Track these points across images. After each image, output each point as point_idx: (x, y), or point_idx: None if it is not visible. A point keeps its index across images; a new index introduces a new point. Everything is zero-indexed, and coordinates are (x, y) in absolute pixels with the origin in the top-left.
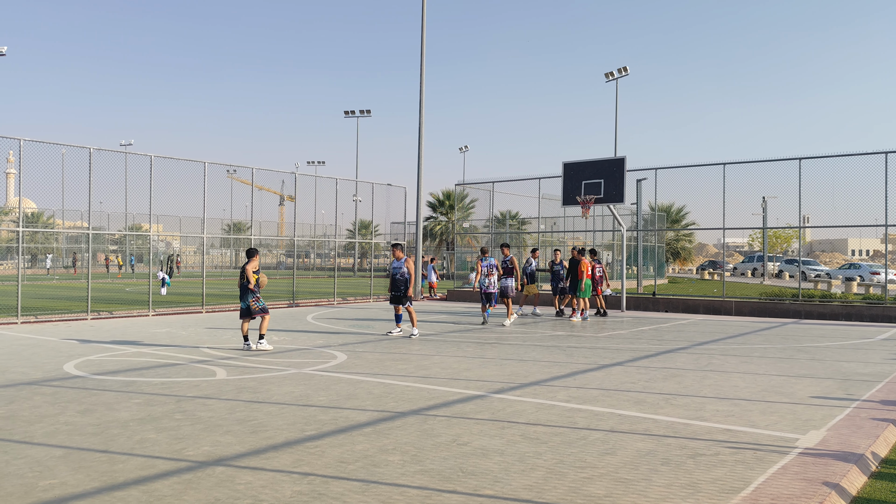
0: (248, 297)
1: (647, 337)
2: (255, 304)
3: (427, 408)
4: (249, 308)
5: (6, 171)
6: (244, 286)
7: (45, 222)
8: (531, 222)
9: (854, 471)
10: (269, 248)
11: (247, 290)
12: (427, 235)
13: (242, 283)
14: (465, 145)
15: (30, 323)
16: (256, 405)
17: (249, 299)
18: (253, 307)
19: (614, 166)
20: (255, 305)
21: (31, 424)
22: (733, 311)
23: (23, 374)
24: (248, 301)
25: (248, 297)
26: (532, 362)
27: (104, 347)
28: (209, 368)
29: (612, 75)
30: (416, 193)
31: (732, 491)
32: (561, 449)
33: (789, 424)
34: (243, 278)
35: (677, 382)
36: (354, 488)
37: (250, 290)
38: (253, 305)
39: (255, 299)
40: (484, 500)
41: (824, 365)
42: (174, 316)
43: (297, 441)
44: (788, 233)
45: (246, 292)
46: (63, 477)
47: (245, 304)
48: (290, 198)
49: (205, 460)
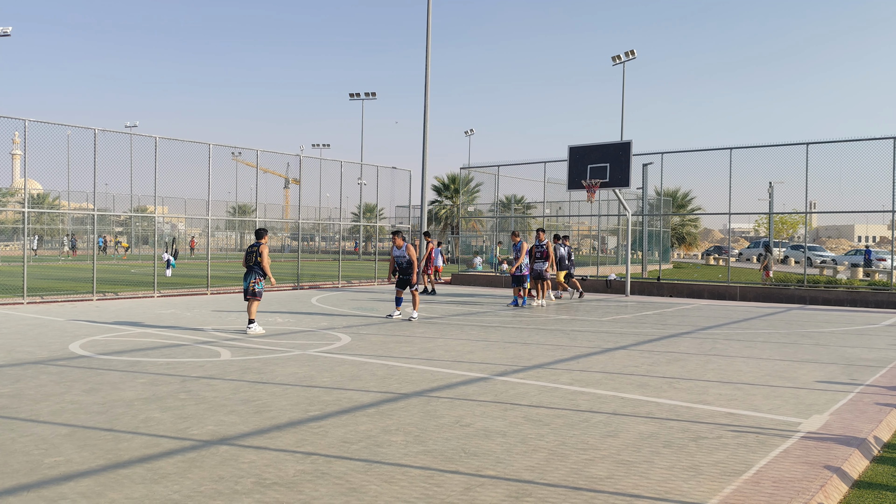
0: (250, 278)
1: (650, 321)
2: (253, 286)
3: (430, 389)
4: (249, 289)
5: (12, 153)
6: (252, 266)
7: (51, 203)
8: (536, 206)
9: (856, 455)
10: (274, 231)
11: (251, 271)
12: (432, 219)
13: (251, 264)
14: (470, 129)
15: (36, 303)
16: (260, 386)
17: (251, 280)
18: (251, 288)
19: (620, 150)
20: (253, 287)
21: (36, 403)
22: (738, 296)
23: (29, 353)
24: (248, 281)
25: (250, 278)
26: (536, 345)
27: (109, 328)
28: (214, 349)
29: (619, 59)
30: (422, 177)
31: (734, 474)
32: (563, 431)
33: (792, 409)
34: (256, 258)
35: (680, 366)
36: (357, 468)
37: (256, 271)
38: (252, 287)
39: (255, 281)
40: (486, 480)
41: (828, 350)
42: (179, 297)
43: (301, 421)
44: (795, 218)
45: (250, 272)
46: (68, 454)
47: (246, 285)
48: (294, 181)
49: (209, 439)
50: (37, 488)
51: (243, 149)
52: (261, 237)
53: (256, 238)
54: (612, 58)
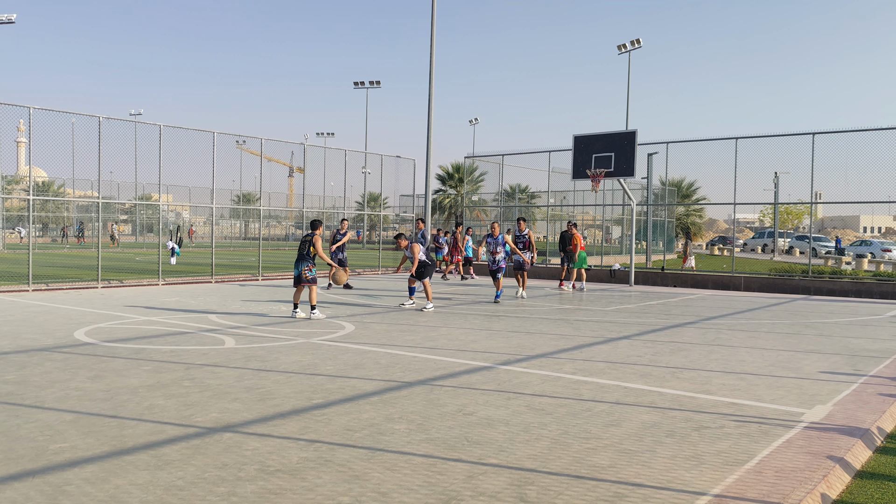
0: (301, 265)
1: (654, 311)
2: (306, 273)
3: (433, 378)
4: (301, 276)
5: (17, 140)
6: (304, 254)
7: (56, 191)
8: (541, 196)
9: (859, 445)
10: (277, 220)
11: (303, 258)
12: (436, 208)
13: (304, 252)
14: (475, 118)
15: (41, 291)
16: (264, 373)
17: (303, 267)
18: (304, 276)
19: (625, 140)
20: (306, 274)
21: (42, 390)
22: (742, 286)
23: (34, 340)
24: (300, 269)
25: (301, 265)
26: (539, 335)
27: (114, 315)
28: (218, 337)
29: (625, 47)
30: (426, 165)
31: (736, 463)
32: (566, 420)
33: (795, 399)
34: (309, 247)
35: (684, 356)
36: (360, 455)
37: (307, 258)
38: (305, 274)
39: (307, 268)
40: (488, 468)
41: (832, 341)
42: (184, 285)
43: (305, 409)
44: (800, 209)
45: (302, 260)
46: (73, 441)
47: (297, 272)
48: (299, 169)
49: (213, 426)
50: (42, 474)
51: (247, 137)
52: (315, 228)
53: (311, 229)
54: (618, 47)
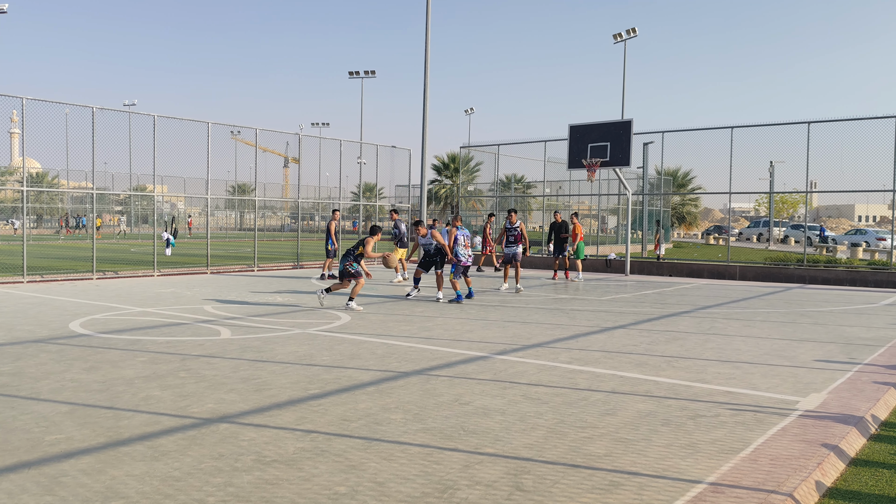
0: (344, 261)
1: (650, 301)
2: (348, 268)
3: (429, 368)
4: (344, 270)
5: (10, 131)
6: (351, 250)
7: (50, 182)
8: (536, 186)
9: (853, 433)
10: (273, 211)
11: (348, 254)
12: (431, 199)
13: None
14: (470, 107)
15: (36, 282)
16: (260, 364)
17: (345, 263)
18: (347, 270)
19: (621, 129)
20: (348, 269)
21: (37, 381)
22: (737, 275)
23: (29, 331)
24: (343, 264)
25: (344, 261)
26: (535, 324)
27: (109, 307)
28: (213, 328)
29: (621, 36)
30: (422, 155)
31: (731, 451)
32: (562, 409)
33: (790, 387)
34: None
35: (679, 345)
36: (357, 445)
37: (352, 255)
38: (347, 269)
39: (349, 263)
40: (484, 458)
41: (827, 329)
42: (179, 276)
43: (301, 399)
44: (795, 198)
45: (347, 255)
46: (69, 432)
47: (341, 267)
48: (294, 160)
49: (209, 417)
50: (38, 465)
51: (242, 127)
52: (374, 234)
53: (370, 234)
54: (614, 36)
